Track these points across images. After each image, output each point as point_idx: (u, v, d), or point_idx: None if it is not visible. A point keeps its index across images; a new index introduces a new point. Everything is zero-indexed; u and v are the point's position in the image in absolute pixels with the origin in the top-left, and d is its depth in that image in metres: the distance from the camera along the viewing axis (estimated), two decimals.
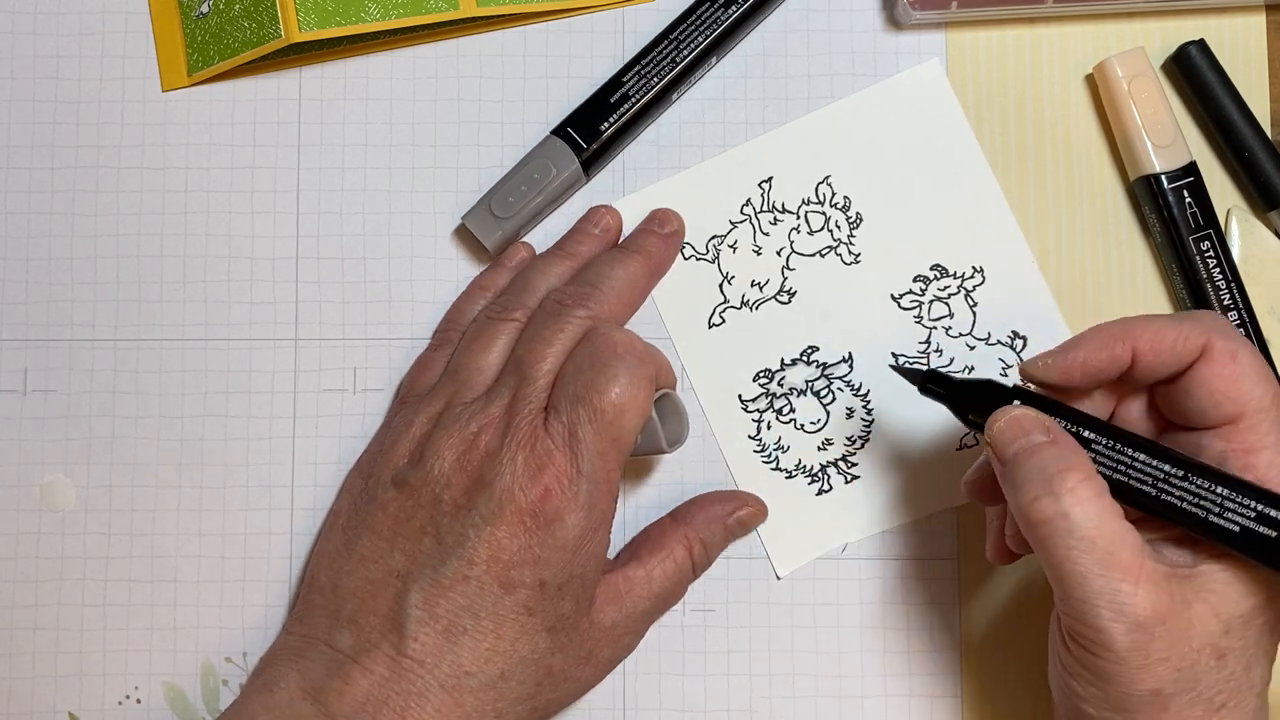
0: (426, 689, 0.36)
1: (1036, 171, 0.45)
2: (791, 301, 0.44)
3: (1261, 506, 0.32)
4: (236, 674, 0.43)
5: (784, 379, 0.44)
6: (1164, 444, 0.35)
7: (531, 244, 0.44)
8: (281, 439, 0.44)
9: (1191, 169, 0.43)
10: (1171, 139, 0.43)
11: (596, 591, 0.39)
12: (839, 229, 0.44)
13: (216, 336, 0.44)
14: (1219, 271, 0.43)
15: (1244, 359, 0.34)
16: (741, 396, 0.44)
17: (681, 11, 0.44)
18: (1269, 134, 0.44)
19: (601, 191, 0.44)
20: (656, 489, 0.44)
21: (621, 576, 0.40)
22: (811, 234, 0.44)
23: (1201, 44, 0.44)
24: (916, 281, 0.44)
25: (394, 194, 0.44)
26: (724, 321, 0.44)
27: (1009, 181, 0.44)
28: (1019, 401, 0.35)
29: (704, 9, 0.44)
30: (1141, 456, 0.34)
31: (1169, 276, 0.44)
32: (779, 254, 0.44)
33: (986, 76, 0.45)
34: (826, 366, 0.44)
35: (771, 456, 0.44)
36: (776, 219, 0.45)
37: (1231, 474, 0.33)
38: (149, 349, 0.44)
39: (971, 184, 0.44)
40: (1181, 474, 0.33)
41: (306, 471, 0.44)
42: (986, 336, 0.44)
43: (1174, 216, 0.43)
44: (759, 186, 0.45)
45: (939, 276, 0.44)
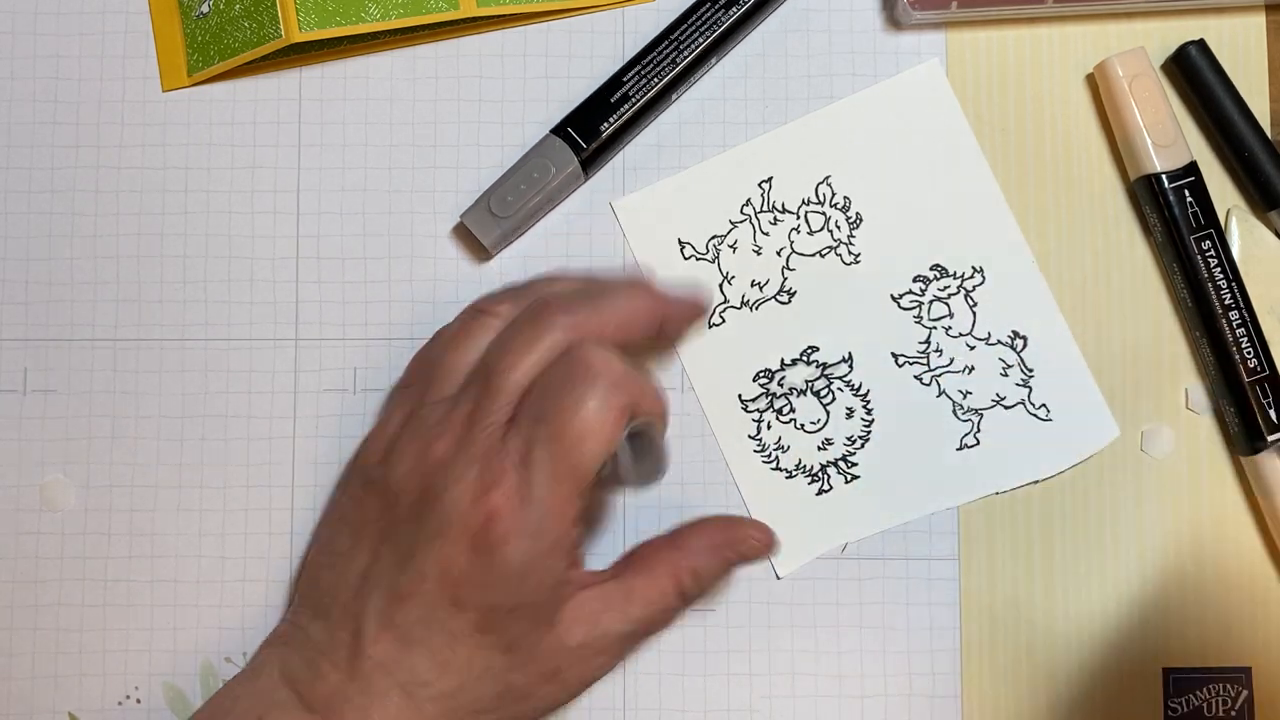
0: (388, 691, 0.36)
1: (1036, 171, 0.45)
2: (791, 301, 0.44)
3: None
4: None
5: (784, 379, 0.44)
6: None
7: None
8: (281, 439, 0.44)
9: (1192, 169, 0.43)
10: (1172, 139, 0.43)
11: (564, 609, 0.36)
12: (839, 229, 0.44)
13: (216, 336, 0.44)
14: (1219, 271, 0.43)
15: None
16: (741, 396, 0.44)
17: (682, 12, 0.44)
18: (1269, 134, 0.44)
19: (601, 191, 0.44)
20: (656, 489, 0.44)
21: (598, 594, 0.37)
22: (811, 234, 0.44)
23: (1201, 44, 0.44)
24: (916, 281, 0.44)
25: (394, 194, 0.44)
26: (724, 321, 0.44)
27: (1009, 181, 0.44)
28: None
29: (704, 9, 0.44)
30: None
31: (1169, 276, 0.44)
32: (779, 254, 0.44)
33: (986, 76, 0.45)
34: (826, 366, 0.44)
35: (771, 456, 0.44)
36: (776, 219, 0.45)
37: None
38: (149, 349, 0.44)
39: (971, 184, 0.44)
40: None
41: (306, 471, 0.44)
42: (986, 336, 0.44)
43: (1175, 216, 0.43)
44: (759, 186, 0.45)
45: (939, 276, 0.44)
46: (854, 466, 0.44)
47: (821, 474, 0.44)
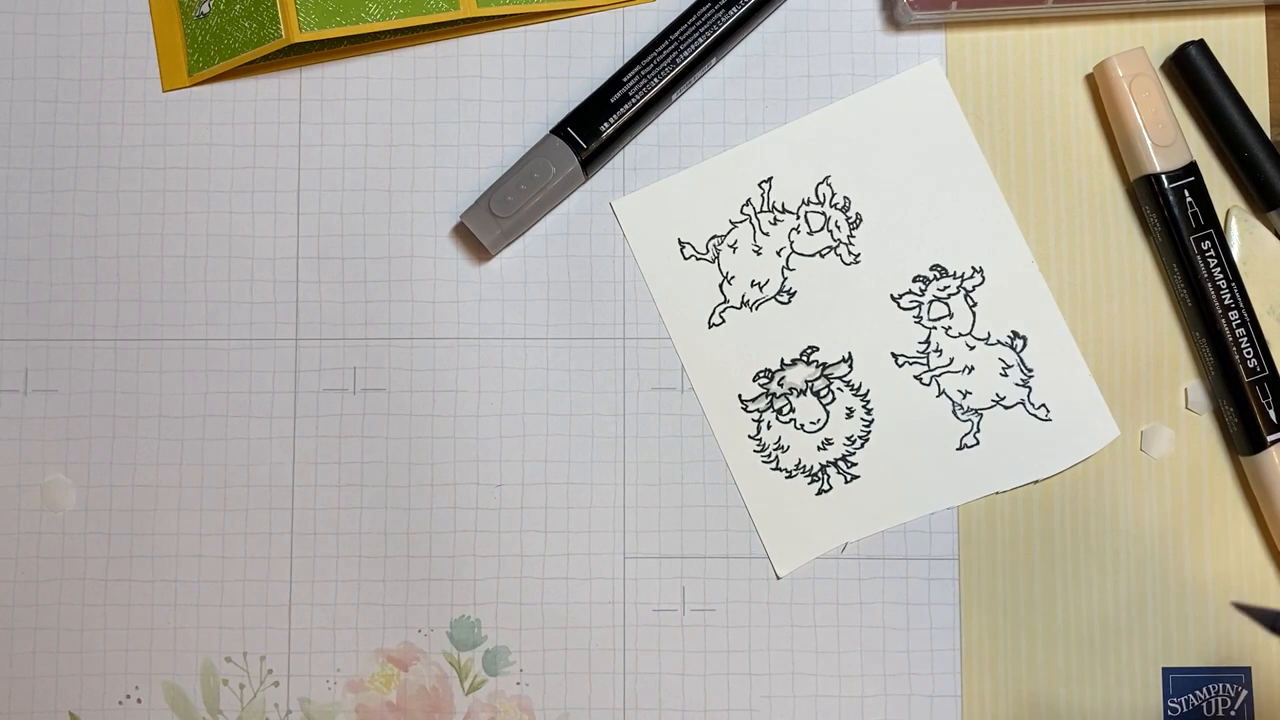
0: None
1: (1036, 171, 0.45)
2: (791, 301, 0.44)
3: None
4: (236, 674, 0.43)
5: (784, 379, 0.44)
6: None
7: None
8: (281, 439, 0.44)
9: (1192, 169, 0.43)
10: (1172, 139, 0.43)
11: None
12: (839, 229, 0.44)
13: (216, 336, 0.44)
14: (1219, 271, 0.43)
15: None
16: (741, 396, 0.44)
17: (682, 12, 0.44)
18: (1269, 134, 0.44)
19: (601, 191, 0.45)
20: (657, 489, 0.44)
21: None
22: (811, 234, 0.44)
23: (1201, 44, 0.44)
24: (916, 282, 0.44)
25: (394, 194, 0.44)
26: (724, 321, 0.44)
27: (1009, 181, 0.44)
28: None
29: (704, 9, 0.44)
30: None
31: (1169, 276, 0.44)
32: (779, 254, 0.44)
33: (986, 76, 0.45)
34: (826, 366, 0.44)
35: (771, 456, 0.44)
36: (776, 219, 0.45)
37: None
38: (149, 349, 0.44)
39: (971, 184, 0.44)
40: None
41: (306, 471, 0.44)
42: (986, 336, 0.44)
43: (1174, 216, 0.43)
44: (759, 186, 0.45)
45: (939, 276, 0.44)
46: (854, 466, 0.44)
47: (821, 474, 0.44)
